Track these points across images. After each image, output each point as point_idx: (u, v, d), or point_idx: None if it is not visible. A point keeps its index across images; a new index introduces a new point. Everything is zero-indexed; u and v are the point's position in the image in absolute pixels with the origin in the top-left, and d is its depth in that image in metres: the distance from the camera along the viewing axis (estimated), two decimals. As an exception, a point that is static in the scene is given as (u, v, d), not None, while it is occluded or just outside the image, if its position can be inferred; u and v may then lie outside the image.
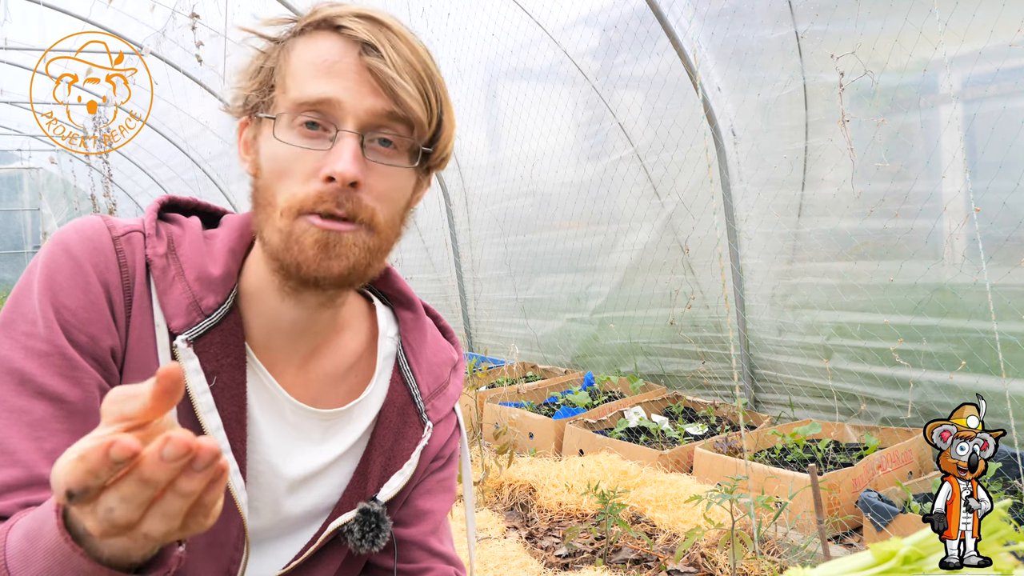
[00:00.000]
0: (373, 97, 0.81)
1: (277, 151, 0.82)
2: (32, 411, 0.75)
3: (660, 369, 5.04)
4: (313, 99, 0.80)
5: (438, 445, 1.02)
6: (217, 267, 0.87)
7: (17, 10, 7.18)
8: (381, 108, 0.81)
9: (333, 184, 0.80)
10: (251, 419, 0.89)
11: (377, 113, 0.81)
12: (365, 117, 0.81)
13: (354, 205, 0.81)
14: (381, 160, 0.83)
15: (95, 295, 0.81)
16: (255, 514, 0.91)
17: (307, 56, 0.82)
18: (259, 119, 0.85)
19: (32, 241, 15.38)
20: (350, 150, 0.80)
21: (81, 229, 0.84)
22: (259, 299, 0.89)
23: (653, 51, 4.35)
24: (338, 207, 0.80)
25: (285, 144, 0.81)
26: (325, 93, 0.80)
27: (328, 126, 0.81)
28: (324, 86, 0.80)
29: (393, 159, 0.84)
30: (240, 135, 0.90)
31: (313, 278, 0.83)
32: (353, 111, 0.80)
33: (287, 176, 0.81)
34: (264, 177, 0.84)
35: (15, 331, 0.78)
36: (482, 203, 6.27)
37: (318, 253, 0.81)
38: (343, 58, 0.81)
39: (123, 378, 0.83)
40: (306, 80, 0.81)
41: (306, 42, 0.83)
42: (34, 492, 0.72)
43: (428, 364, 1.03)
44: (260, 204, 0.85)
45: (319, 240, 0.80)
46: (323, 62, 0.81)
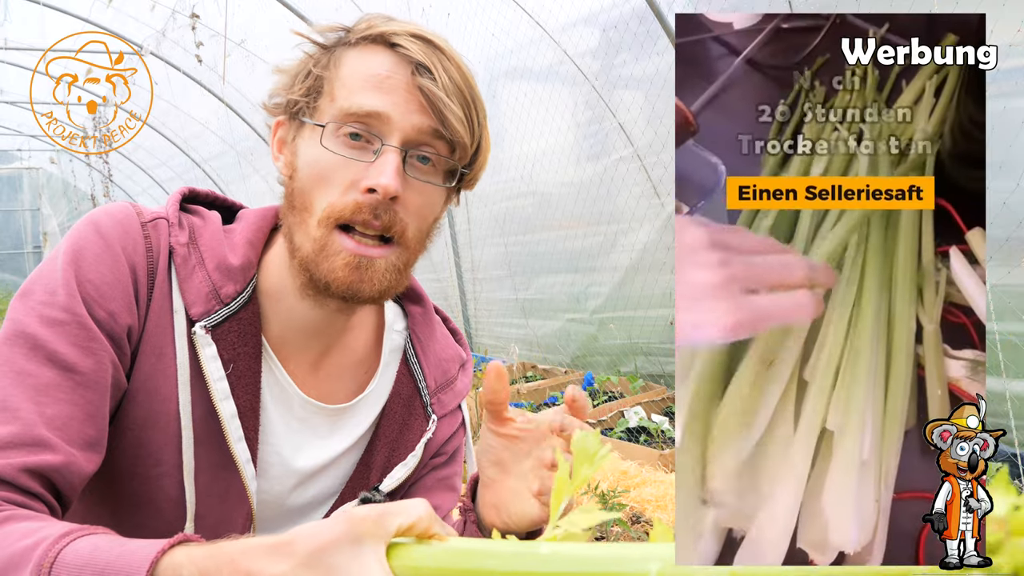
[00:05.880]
0: (420, 115, 0.83)
1: (320, 157, 0.83)
2: (39, 376, 0.75)
3: (660, 369, 5.04)
4: (363, 111, 0.82)
5: (440, 440, 1.03)
6: (236, 257, 0.88)
7: (17, 10, 7.19)
8: (427, 126, 0.83)
9: (374, 196, 0.81)
10: (264, 410, 0.90)
11: (423, 131, 0.83)
12: (411, 133, 0.83)
13: (390, 218, 0.83)
14: (418, 177, 0.85)
15: (121, 273, 0.82)
16: (260, 504, 0.92)
17: (359, 68, 0.84)
18: (301, 122, 0.86)
19: (32, 241, 15.38)
20: (393, 165, 0.81)
21: (112, 212, 0.85)
22: (277, 297, 0.90)
23: (653, 51, 4.35)
24: (375, 219, 0.82)
25: (329, 152, 0.83)
26: (375, 107, 0.82)
27: (372, 139, 0.83)
28: (375, 100, 0.82)
29: (430, 176, 0.86)
30: (274, 133, 0.91)
31: (342, 296, 0.85)
32: (400, 127, 0.82)
33: (327, 184, 0.83)
34: (301, 181, 0.85)
35: (32, 299, 0.79)
36: (482, 203, 6.28)
37: (349, 275, 0.83)
38: (395, 75, 0.83)
39: (136, 361, 0.84)
40: (356, 92, 0.83)
41: (359, 54, 0.85)
42: (32, 453, 0.72)
43: (436, 358, 1.04)
44: (295, 207, 0.86)
45: (350, 263, 0.82)
46: (375, 76, 0.83)
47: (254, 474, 0.88)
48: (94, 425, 0.78)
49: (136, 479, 0.85)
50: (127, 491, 0.86)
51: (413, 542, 0.58)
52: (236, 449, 0.86)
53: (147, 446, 0.84)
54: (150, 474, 0.85)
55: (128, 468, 0.85)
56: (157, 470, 0.85)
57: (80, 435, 0.76)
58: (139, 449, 0.84)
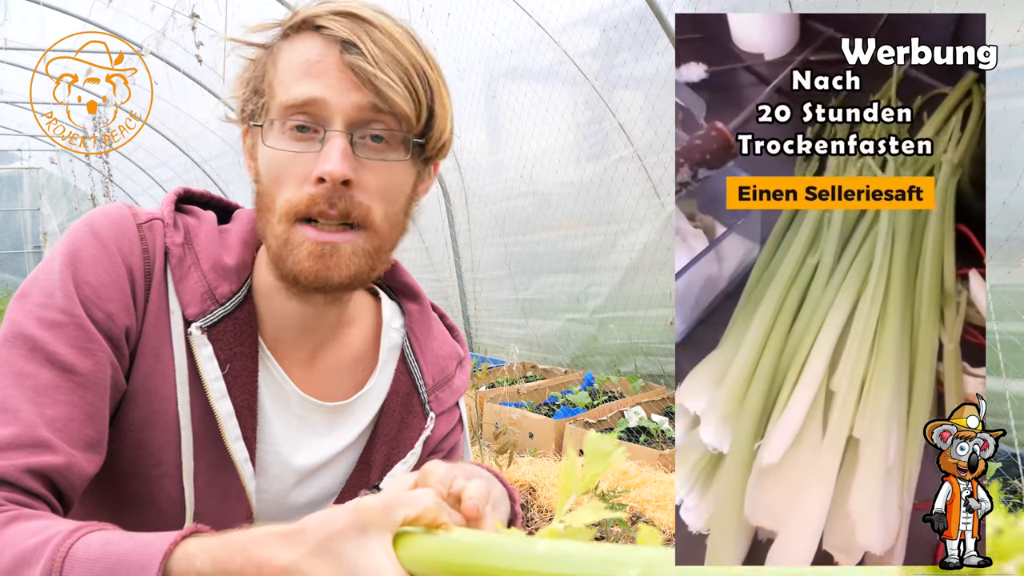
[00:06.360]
0: (356, 93, 0.80)
1: (272, 157, 0.83)
2: (39, 377, 0.75)
3: (660, 369, 5.04)
4: (299, 101, 0.80)
5: (438, 437, 1.03)
6: (231, 258, 0.88)
7: (17, 10, 7.19)
8: (367, 103, 0.80)
9: (324, 185, 0.80)
10: (261, 409, 0.90)
11: (363, 108, 0.81)
12: (352, 113, 0.80)
13: (347, 204, 0.81)
14: (373, 156, 0.82)
15: (118, 275, 0.82)
16: (261, 503, 0.92)
17: (291, 59, 0.83)
18: (256, 127, 0.86)
19: (32, 241, 15.37)
20: (339, 149, 0.79)
21: (108, 214, 0.85)
22: (268, 296, 0.91)
23: (653, 51, 4.35)
24: (331, 207, 0.80)
25: (277, 150, 0.82)
26: (309, 93, 0.80)
27: (317, 127, 0.81)
28: (308, 87, 0.80)
29: (385, 154, 0.83)
30: (244, 142, 0.91)
31: (314, 287, 0.84)
32: (339, 108, 0.80)
33: (283, 181, 0.82)
34: (263, 183, 0.85)
35: (30, 301, 0.79)
36: (482, 203, 6.27)
37: (314, 264, 0.81)
38: (324, 57, 0.81)
39: (134, 362, 0.84)
40: (291, 83, 0.81)
41: (290, 46, 0.84)
42: (34, 454, 0.72)
43: (433, 356, 1.04)
44: (261, 210, 0.86)
45: (313, 252, 0.81)
46: (304, 63, 0.81)
47: (252, 473, 0.88)
48: (94, 426, 0.78)
49: (137, 480, 0.85)
50: (128, 492, 0.86)
51: (421, 532, 0.59)
52: (234, 448, 0.86)
53: (147, 447, 0.84)
54: (151, 474, 0.85)
55: (129, 469, 0.85)
56: (158, 470, 0.85)
57: (81, 436, 0.76)
58: (139, 450, 0.84)
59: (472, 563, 0.55)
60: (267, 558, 0.58)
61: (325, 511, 0.60)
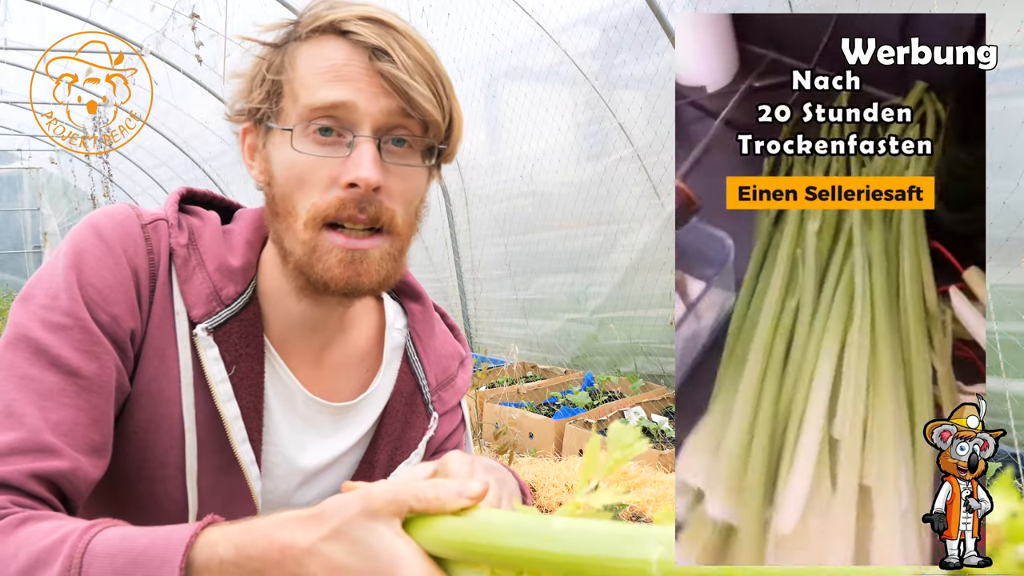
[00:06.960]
0: (386, 99, 0.81)
1: (294, 160, 0.82)
2: (43, 381, 0.75)
3: (660, 369, 5.04)
4: (327, 104, 0.80)
5: (441, 437, 1.03)
6: (236, 258, 0.88)
7: (17, 10, 7.19)
8: (396, 107, 0.81)
9: (356, 190, 0.80)
10: (267, 410, 0.90)
11: (391, 113, 0.81)
12: (380, 118, 0.81)
13: (376, 209, 0.81)
14: (396, 161, 0.83)
15: (123, 277, 0.81)
16: (267, 504, 0.92)
17: (316, 62, 0.82)
18: (268, 128, 0.85)
19: (32, 241, 15.37)
20: (370, 155, 0.80)
21: (112, 214, 0.84)
22: (275, 297, 0.90)
23: (653, 51, 4.35)
24: (360, 212, 0.81)
25: (302, 154, 0.81)
26: (339, 97, 0.80)
27: (343, 132, 0.81)
28: (338, 90, 0.80)
29: (408, 159, 0.84)
30: (243, 140, 0.90)
31: (343, 293, 0.84)
32: (368, 113, 0.80)
33: (307, 185, 0.82)
34: (280, 186, 0.84)
35: (34, 304, 0.78)
36: (482, 203, 6.27)
37: (345, 271, 0.82)
38: (351, 62, 0.81)
39: (139, 364, 0.83)
40: (317, 86, 0.81)
41: (311, 48, 0.83)
42: (39, 459, 0.72)
43: (436, 356, 1.04)
44: (279, 213, 0.85)
45: (344, 259, 0.81)
46: (332, 66, 0.81)
47: (258, 475, 0.88)
48: (99, 430, 0.77)
49: (142, 482, 0.85)
50: (133, 494, 0.86)
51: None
52: (240, 450, 0.86)
53: (152, 449, 0.84)
54: (155, 476, 0.85)
55: (134, 471, 0.84)
56: (162, 472, 0.85)
57: (86, 440, 0.75)
58: (144, 452, 0.84)
59: (493, 544, 0.55)
60: (289, 541, 0.59)
61: (340, 496, 0.61)
